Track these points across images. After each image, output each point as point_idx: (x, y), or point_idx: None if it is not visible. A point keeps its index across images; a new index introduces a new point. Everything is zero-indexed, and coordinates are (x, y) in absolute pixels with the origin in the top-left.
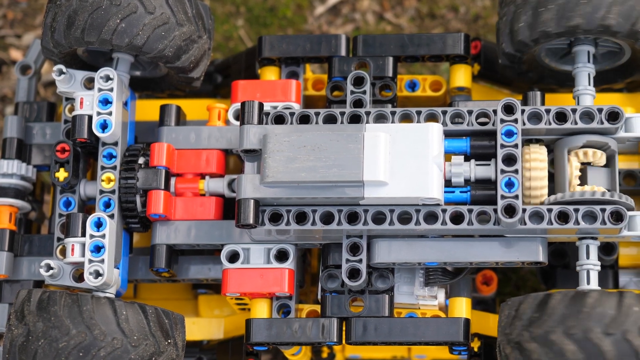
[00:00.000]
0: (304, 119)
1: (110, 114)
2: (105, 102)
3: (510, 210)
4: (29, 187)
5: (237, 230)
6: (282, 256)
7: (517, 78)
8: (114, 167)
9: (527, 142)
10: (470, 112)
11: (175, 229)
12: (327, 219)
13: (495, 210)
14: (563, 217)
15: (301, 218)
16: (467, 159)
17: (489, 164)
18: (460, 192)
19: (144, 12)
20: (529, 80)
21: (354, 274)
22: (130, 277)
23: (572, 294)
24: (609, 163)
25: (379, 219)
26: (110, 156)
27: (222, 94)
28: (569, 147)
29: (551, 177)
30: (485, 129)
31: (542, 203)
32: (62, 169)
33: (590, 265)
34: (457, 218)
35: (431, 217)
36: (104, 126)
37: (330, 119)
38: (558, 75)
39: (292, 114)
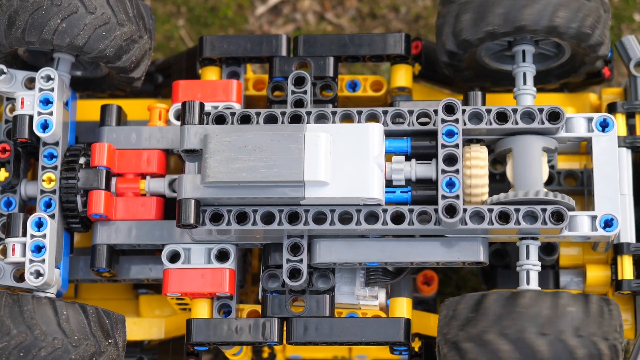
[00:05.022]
0: (245, 119)
1: (51, 114)
2: (46, 102)
3: (451, 210)
4: None
5: (177, 230)
6: (222, 256)
7: (453, 75)
8: (55, 167)
9: (467, 142)
10: (411, 112)
11: (116, 229)
12: (268, 219)
13: (436, 210)
14: (504, 217)
15: (242, 218)
16: (407, 159)
17: (430, 164)
18: (401, 192)
19: (84, 12)
20: (465, 79)
21: (294, 274)
22: (71, 277)
23: (507, 294)
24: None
25: (319, 219)
26: (51, 156)
27: (163, 94)
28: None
29: (492, 177)
30: (426, 129)
31: (483, 203)
32: (2, 169)
33: (530, 265)
34: (397, 218)
35: (372, 217)
36: (45, 126)
37: (271, 119)
38: (494, 74)
39: (232, 114)
